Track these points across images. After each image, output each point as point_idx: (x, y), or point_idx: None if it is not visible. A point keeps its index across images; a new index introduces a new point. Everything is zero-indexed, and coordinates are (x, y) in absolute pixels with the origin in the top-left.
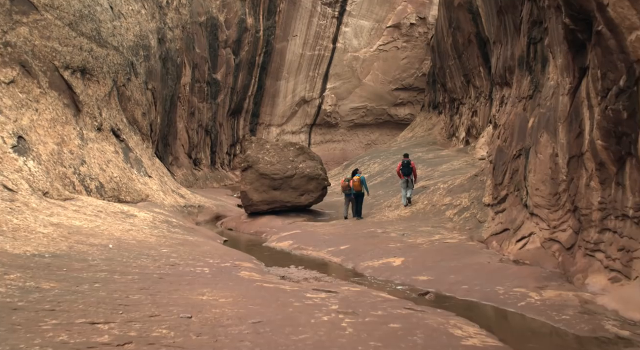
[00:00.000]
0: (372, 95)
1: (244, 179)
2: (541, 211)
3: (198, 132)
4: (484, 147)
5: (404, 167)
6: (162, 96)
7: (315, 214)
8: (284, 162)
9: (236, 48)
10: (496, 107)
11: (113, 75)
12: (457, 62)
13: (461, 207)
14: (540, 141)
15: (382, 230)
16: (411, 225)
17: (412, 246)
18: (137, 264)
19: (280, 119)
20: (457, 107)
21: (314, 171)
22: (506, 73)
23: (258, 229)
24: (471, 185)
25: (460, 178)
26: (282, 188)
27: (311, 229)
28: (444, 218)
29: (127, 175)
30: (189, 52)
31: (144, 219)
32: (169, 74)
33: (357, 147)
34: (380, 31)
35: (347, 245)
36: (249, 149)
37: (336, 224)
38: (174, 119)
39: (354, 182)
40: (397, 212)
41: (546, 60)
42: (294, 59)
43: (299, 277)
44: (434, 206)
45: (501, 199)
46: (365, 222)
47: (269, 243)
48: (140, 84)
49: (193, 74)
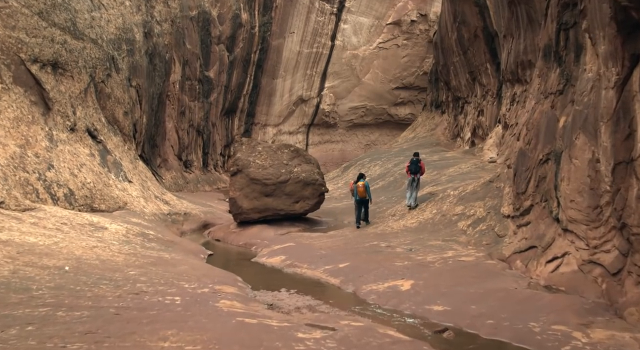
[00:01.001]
0: (371, 94)
1: (233, 185)
2: (577, 227)
3: (189, 132)
4: (493, 148)
5: (412, 165)
6: (148, 94)
7: (312, 222)
8: (277, 165)
9: (230, 44)
10: (506, 106)
11: (90, 71)
12: (462, 58)
13: (476, 217)
14: (576, 144)
15: (386, 244)
16: (419, 239)
17: (421, 265)
18: (94, 293)
19: (276, 119)
20: (462, 106)
21: (310, 176)
22: (518, 69)
23: (248, 241)
24: (486, 193)
25: (473, 184)
26: (274, 194)
27: (306, 241)
28: (456, 230)
29: (102, 181)
30: (179, 47)
31: (115, 232)
32: (157, 70)
33: (356, 147)
34: (380, 28)
35: (346, 262)
36: (239, 151)
37: (335, 235)
38: (162, 118)
39: (359, 188)
40: (402, 222)
41: (581, 49)
42: (291, 57)
43: (290, 305)
44: (444, 216)
45: (524, 211)
46: (367, 234)
47: (258, 258)
48: (122, 80)
49: (183, 71)
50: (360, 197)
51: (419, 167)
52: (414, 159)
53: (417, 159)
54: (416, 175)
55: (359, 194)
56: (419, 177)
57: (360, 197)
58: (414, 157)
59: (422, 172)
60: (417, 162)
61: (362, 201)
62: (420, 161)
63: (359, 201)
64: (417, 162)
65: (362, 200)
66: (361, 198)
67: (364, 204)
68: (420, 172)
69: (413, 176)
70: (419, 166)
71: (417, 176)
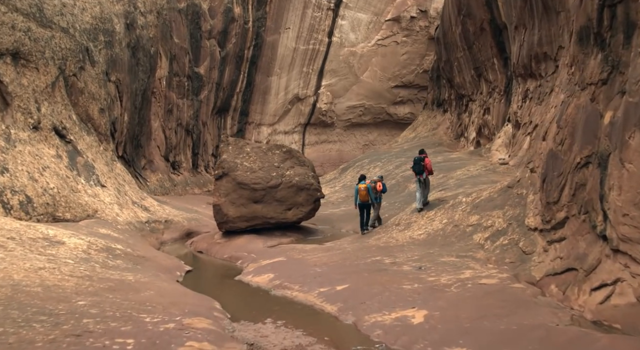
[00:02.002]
0: (370, 93)
1: (218, 190)
2: (633, 248)
3: (177, 131)
4: (502, 149)
5: (415, 164)
6: (130, 90)
7: (306, 232)
8: (267, 168)
9: (222, 40)
10: (517, 103)
11: (59, 63)
12: (467, 53)
13: (494, 229)
14: (630, 144)
15: (390, 260)
16: (429, 254)
17: (435, 289)
18: (19, 336)
19: (271, 118)
20: (466, 104)
21: (304, 180)
22: (531, 62)
23: (233, 254)
24: (505, 200)
25: (488, 190)
26: (264, 201)
27: (299, 255)
28: (471, 244)
29: (69, 186)
30: (166, 41)
31: (73, 248)
32: (140, 65)
33: (354, 148)
34: (378, 25)
35: (345, 283)
36: (224, 152)
37: (332, 248)
38: (147, 116)
39: (360, 192)
40: (408, 233)
41: (634, 27)
42: (286, 54)
43: (275, 345)
44: (457, 227)
45: (557, 224)
46: (369, 247)
47: (244, 276)
48: (97, 74)
49: (171, 67)
50: (363, 201)
51: (422, 167)
52: (416, 158)
53: (420, 157)
54: (421, 175)
55: (361, 197)
56: (425, 177)
57: (363, 201)
58: (419, 154)
59: (428, 170)
60: (421, 160)
61: (365, 205)
62: (425, 158)
63: (361, 205)
64: (421, 160)
65: (365, 204)
66: (363, 202)
67: (367, 208)
68: (426, 171)
69: (418, 177)
70: (423, 165)
71: (423, 176)
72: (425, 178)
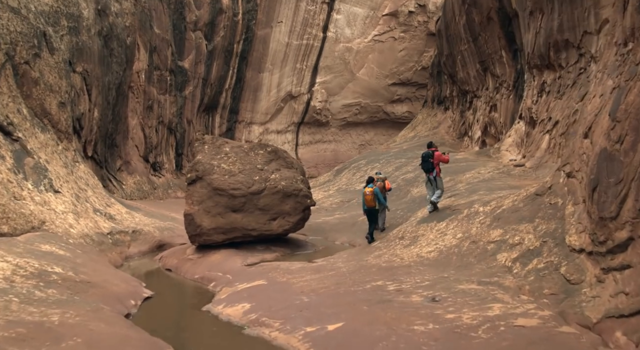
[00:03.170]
0: (366, 90)
1: (191, 196)
2: None
3: (158, 130)
4: (513, 149)
5: (423, 162)
6: (102, 83)
7: (294, 245)
8: (249, 171)
9: (209, 32)
10: (532, 98)
11: (7, 48)
12: (472, 46)
13: (524, 248)
14: None
15: (395, 286)
16: (443, 278)
17: (457, 333)
18: None
19: (263, 117)
20: (470, 101)
21: (291, 184)
22: (550, 51)
23: (206, 273)
24: (534, 211)
25: (510, 198)
26: (245, 209)
27: (283, 277)
28: (496, 266)
29: (10, 192)
30: (145, 31)
31: None
32: (114, 56)
33: (350, 148)
34: (375, 19)
35: (339, 320)
36: (199, 152)
37: (323, 267)
38: (123, 113)
39: (366, 196)
40: (415, 250)
41: None
42: (278, 49)
43: None
44: (475, 243)
45: (617, 246)
46: (368, 266)
47: (214, 305)
48: (58, 63)
49: (151, 59)
50: (369, 206)
51: (431, 164)
52: (425, 153)
53: (429, 152)
54: (430, 173)
55: (367, 202)
56: (434, 176)
57: (369, 207)
58: (427, 149)
59: (442, 161)
60: (429, 156)
61: (372, 211)
62: (434, 153)
63: (367, 211)
64: (429, 156)
65: (372, 210)
66: (370, 208)
67: (374, 214)
68: (437, 168)
69: (428, 175)
70: (431, 162)
71: (432, 175)
72: (435, 176)
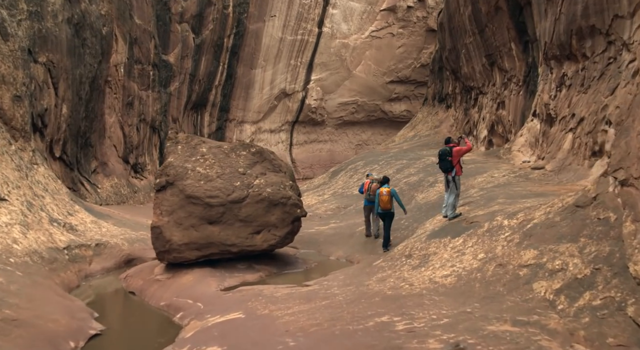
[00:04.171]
0: (363, 88)
1: (160, 206)
2: None
3: (140, 128)
4: (525, 149)
5: (441, 161)
6: (72, 76)
7: (281, 262)
8: (229, 175)
9: (196, 25)
10: (549, 93)
11: None
12: (478, 39)
13: (569, 276)
14: None
15: (405, 324)
16: (465, 314)
17: None
18: None
19: (255, 115)
20: (475, 98)
21: (278, 191)
22: (572, 40)
23: (173, 300)
24: (576, 228)
25: (542, 209)
26: (223, 221)
27: (264, 309)
28: (533, 299)
29: None
30: (124, 21)
31: None
32: (87, 46)
33: (346, 148)
34: (373, 15)
35: None
36: (171, 153)
37: (315, 294)
38: (99, 109)
39: (382, 196)
40: (426, 273)
41: None
42: (272, 44)
43: None
44: (503, 267)
45: None
46: (370, 293)
47: (176, 347)
48: (13, 51)
49: (131, 52)
50: (384, 208)
51: (449, 163)
52: (442, 150)
53: (446, 149)
54: (449, 173)
55: (382, 204)
56: (454, 176)
57: (384, 209)
58: (445, 145)
59: (459, 162)
60: (446, 154)
61: (387, 214)
62: (453, 150)
63: (382, 214)
64: (446, 154)
65: (387, 213)
66: (385, 210)
67: (389, 218)
68: (457, 167)
69: (446, 175)
70: (449, 161)
71: (452, 174)
72: (454, 176)
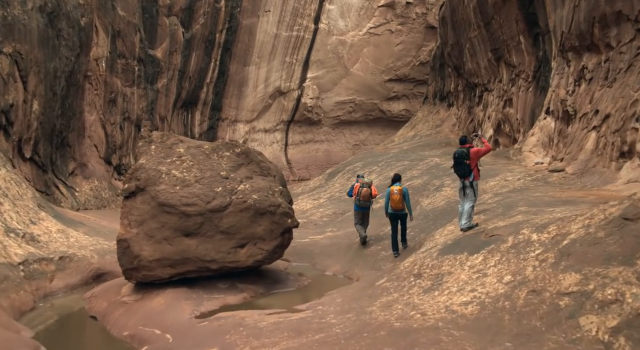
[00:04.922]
0: (361, 87)
1: (128, 215)
2: None
3: (123, 127)
4: (538, 149)
5: (457, 164)
6: (45, 70)
7: (269, 279)
8: (209, 180)
9: (186, 19)
10: (567, 87)
11: None
12: (483, 32)
13: (628, 310)
14: None
15: None
16: None
17: None
18: None
19: (249, 114)
20: (480, 95)
21: (266, 198)
22: (593, 29)
23: (139, 329)
24: (629, 246)
25: (579, 221)
26: (202, 233)
27: (246, 346)
28: (582, 340)
29: None
30: (106, 12)
31: None
32: (63, 38)
33: (343, 148)
34: (371, 11)
35: None
36: (143, 154)
37: (308, 325)
38: (77, 106)
39: (393, 196)
40: (440, 299)
41: None
42: (266, 40)
43: None
44: (537, 294)
45: None
46: (374, 324)
47: None
48: None
49: (113, 45)
50: (396, 209)
51: (466, 167)
52: (457, 152)
53: (463, 151)
54: (467, 178)
55: (393, 203)
56: (471, 181)
57: (395, 210)
58: (461, 145)
59: (477, 165)
60: (463, 156)
61: (399, 215)
62: (470, 151)
63: (393, 215)
64: (463, 156)
65: (399, 214)
66: (396, 210)
67: (401, 219)
68: (474, 171)
69: (463, 180)
70: (466, 165)
71: (469, 180)
72: (471, 182)
